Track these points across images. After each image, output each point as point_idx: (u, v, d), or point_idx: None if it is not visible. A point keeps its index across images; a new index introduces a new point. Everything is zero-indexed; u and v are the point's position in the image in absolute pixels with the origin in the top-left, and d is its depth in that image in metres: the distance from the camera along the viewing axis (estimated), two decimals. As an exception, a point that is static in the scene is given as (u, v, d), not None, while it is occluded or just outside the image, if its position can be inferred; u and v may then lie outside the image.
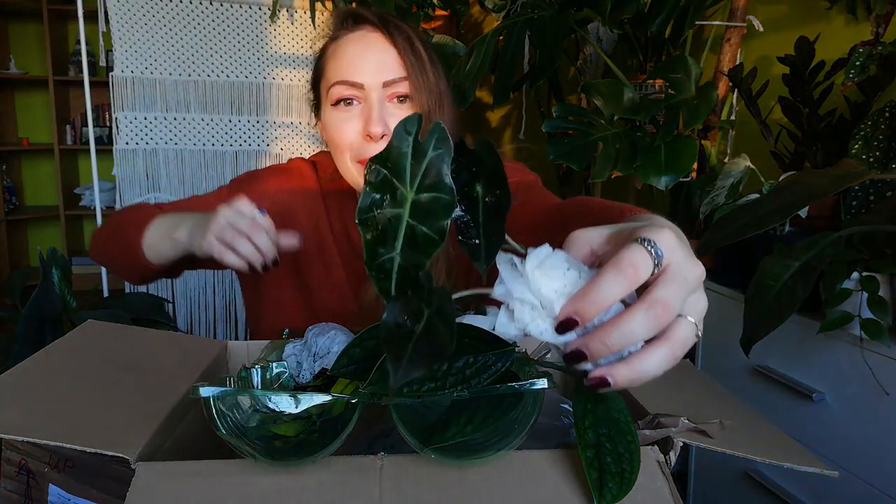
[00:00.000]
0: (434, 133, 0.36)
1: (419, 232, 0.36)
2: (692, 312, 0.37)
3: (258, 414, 0.45)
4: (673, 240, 0.36)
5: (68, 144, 3.50)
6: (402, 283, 0.36)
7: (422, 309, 0.35)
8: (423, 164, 0.36)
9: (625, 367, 0.35)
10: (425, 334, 0.34)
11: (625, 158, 1.40)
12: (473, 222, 0.38)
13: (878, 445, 1.01)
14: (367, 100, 0.75)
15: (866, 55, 1.18)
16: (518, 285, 0.36)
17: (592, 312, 0.35)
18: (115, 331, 0.67)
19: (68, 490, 0.53)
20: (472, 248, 0.38)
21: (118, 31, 2.00)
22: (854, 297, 1.01)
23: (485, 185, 0.38)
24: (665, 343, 0.36)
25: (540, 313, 0.36)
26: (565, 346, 0.36)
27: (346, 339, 0.63)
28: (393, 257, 0.36)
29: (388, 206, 0.36)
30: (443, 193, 0.36)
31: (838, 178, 0.97)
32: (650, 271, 0.35)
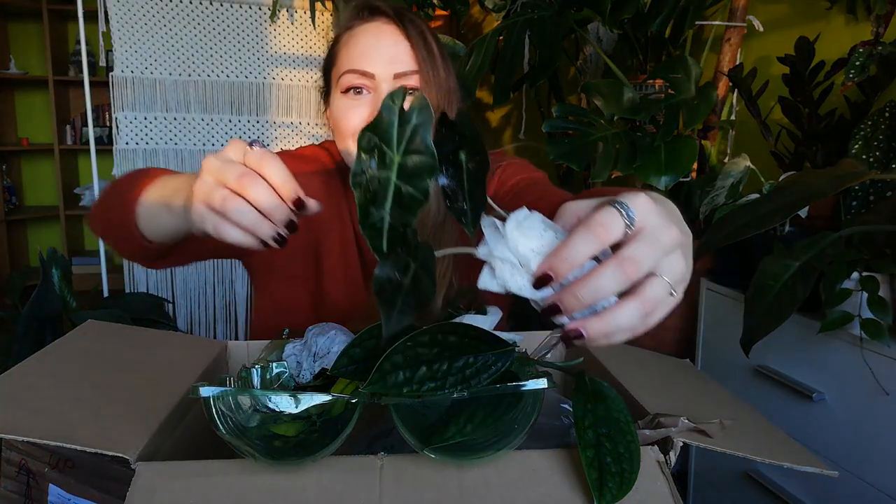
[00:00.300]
0: (417, 103, 0.40)
1: (405, 192, 0.40)
2: (668, 273, 0.38)
3: (258, 414, 0.45)
4: (648, 204, 0.39)
5: (68, 144, 3.50)
6: (392, 241, 0.40)
7: (409, 263, 0.40)
8: (407, 130, 0.39)
9: (597, 320, 0.38)
10: (413, 285, 0.39)
11: (625, 158, 1.40)
12: (459, 188, 0.42)
13: (878, 445, 1.01)
14: (377, 90, 0.76)
15: (866, 55, 1.18)
16: (499, 245, 0.40)
17: (565, 269, 0.37)
18: (115, 331, 0.67)
19: (68, 490, 0.53)
20: (459, 211, 0.42)
21: (118, 31, 2.00)
22: (854, 297, 1.01)
23: (467, 153, 0.42)
24: (636, 299, 0.38)
25: (518, 270, 0.39)
26: (543, 301, 0.39)
27: (346, 339, 0.63)
28: (383, 216, 0.40)
29: (377, 170, 0.39)
30: (425, 156, 0.39)
31: (838, 178, 0.97)
32: (621, 231, 0.37)
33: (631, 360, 0.65)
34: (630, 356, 0.67)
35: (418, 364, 0.43)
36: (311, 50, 2.25)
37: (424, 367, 0.43)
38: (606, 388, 0.48)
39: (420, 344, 0.43)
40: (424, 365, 0.43)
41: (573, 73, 2.39)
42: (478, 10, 2.80)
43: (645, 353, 0.70)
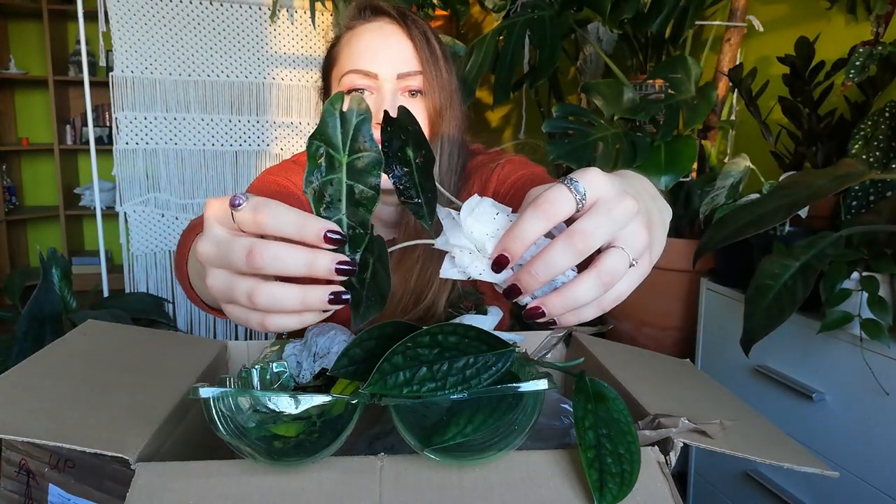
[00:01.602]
0: (354, 103, 0.41)
1: (357, 190, 0.41)
2: (626, 244, 0.38)
3: (258, 414, 0.45)
4: (598, 177, 0.38)
5: (68, 144, 3.49)
6: (353, 241, 0.41)
7: (367, 259, 0.41)
8: (349, 130, 0.40)
9: (556, 295, 0.38)
10: (373, 280, 0.41)
11: (625, 158, 1.40)
12: (411, 183, 0.43)
13: (878, 445, 1.01)
14: (380, 91, 0.75)
15: (866, 55, 1.18)
16: (455, 233, 0.40)
17: (519, 248, 0.37)
18: (115, 331, 0.67)
19: (68, 490, 0.53)
20: (415, 206, 0.43)
21: (118, 31, 2.00)
22: (854, 297, 1.01)
23: (414, 148, 0.43)
24: (592, 271, 0.38)
25: (476, 256, 0.40)
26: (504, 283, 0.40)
27: (346, 339, 0.63)
28: (340, 218, 0.41)
29: (327, 174, 0.40)
30: (371, 152, 0.41)
31: (838, 178, 0.97)
32: (571, 206, 0.37)
33: (631, 361, 0.65)
34: (630, 356, 0.67)
35: (418, 364, 0.43)
36: (311, 50, 2.25)
37: (424, 367, 0.43)
38: (607, 388, 0.48)
39: (420, 344, 0.43)
40: (425, 365, 0.43)
41: (573, 73, 2.39)
42: (478, 10, 2.80)
43: (645, 353, 0.70)
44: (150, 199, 2.14)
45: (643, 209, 0.41)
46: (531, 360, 0.58)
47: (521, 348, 0.59)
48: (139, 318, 1.68)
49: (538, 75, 1.67)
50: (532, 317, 0.39)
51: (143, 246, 2.17)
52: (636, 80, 1.63)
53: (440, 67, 0.76)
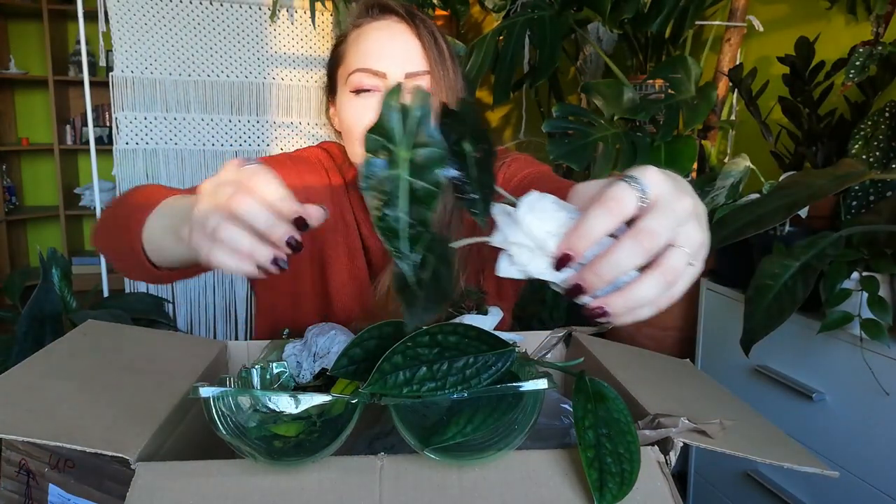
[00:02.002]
0: (416, 97, 0.39)
1: (418, 187, 0.39)
2: (685, 243, 0.38)
3: (258, 414, 0.45)
4: (658, 176, 0.39)
5: (68, 144, 3.49)
6: (412, 240, 0.39)
7: (427, 257, 0.39)
8: (411, 124, 0.39)
9: (619, 295, 0.38)
10: (433, 280, 0.39)
11: (625, 158, 1.40)
12: (467, 178, 0.42)
13: (878, 445, 1.01)
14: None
15: (866, 55, 1.18)
16: (514, 231, 0.39)
17: (583, 246, 0.37)
18: (115, 331, 0.67)
19: (68, 490, 0.53)
20: (469, 202, 0.42)
21: (118, 31, 2.00)
22: (854, 297, 1.01)
23: (471, 142, 0.42)
24: (656, 270, 0.38)
25: (536, 254, 0.39)
26: (565, 283, 0.39)
27: (346, 339, 0.63)
28: (398, 216, 0.39)
29: (387, 170, 0.39)
30: (434, 147, 0.39)
31: (838, 178, 0.97)
32: (634, 205, 0.37)
33: (631, 360, 0.65)
34: (630, 356, 0.67)
35: (418, 364, 0.43)
36: (311, 50, 2.25)
37: (424, 367, 0.43)
38: (607, 388, 0.48)
39: (420, 344, 0.43)
40: (424, 365, 0.43)
41: (573, 73, 2.39)
42: (478, 10, 2.79)
43: (645, 353, 0.70)
44: (150, 198, 2.13)
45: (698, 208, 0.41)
46: (531, 359, 0.58)
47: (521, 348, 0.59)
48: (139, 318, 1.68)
49: (538, 75, 1.67)
50: (593, 316, 0.39)
51: (143, 246, 2.16)
52: (636, 80, 1.63)
53: (447, 68, 0.76)
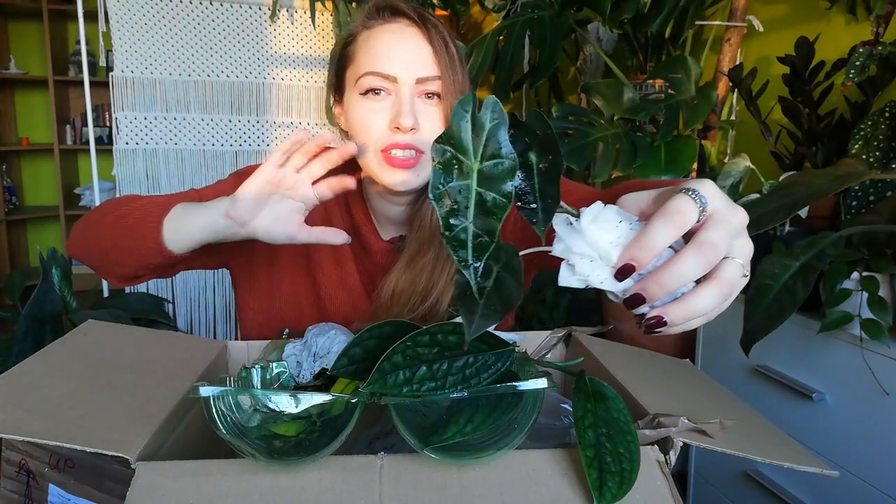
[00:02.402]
0: (488, 107, 0.39)
1: (488, 198, 0.39)
2: (739, 255, 0.40)
3: (258, 414, 0.45)
4: (715, 189, 0.40)
5: (68, 144, 3.49)
6: (477, 250, 0.39)
7: (490, 266, 0.39)
8: (483, 136, 0.39)
9: (678, 306, 0.39)
10: (495, 289, 0.39)
11: (625, 158, 1.41)
12: (530, 188, 0.42)
13: (878, 445, 1.01)
14: (398, 93, 0.74)
15: (866, 55, 1.18)
16: (576, 241, 0.40)
17: (647, 257, 0.38)
18: (115, 331, 0.67)
19: (68, 490, 0.53)
20: (530, 212, 0.42)
21: (118, 31, 2.00)
22: (854, 297, 1.01)
23: (538, 153, 0.42)
24: (714, 281, 0.39)
25: (598, 264, 0.40)
26: (624, 293, 0.40)
27: (346, 339, 0.63)
28: (466, 226, 0.39)
29: (456, 180, 0.39)
30: (504, 159, 0.39)
31: (838, 178, 0.97)
32: (696, 217, 0.39)
33: (631, 361, 0.65)
34: (630, 356, 0.67)
35: (418, 364, 0.43)
36: (311, 50, 2.25)
37: (424, 366, 0.43)
38: (606, 388, 0.48)
39: (420, 344, 0.43)
40: (424, 365, 0.43)
41: (573, 73, 2.39)
42: (478, 10, 2.80)
43: (645, 353, 0.70)
44: (148, 198, 2.14)
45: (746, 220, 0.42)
46: (531, 359, 0.58)
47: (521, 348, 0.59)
48: (139, 318, 1.68)
49: (538, 75, 1.67)
50: (651, 326, 0.39)
51: (143, 246, 2.17)
52: (636, 80, 1.63)
53: (457, 72, 0.76)
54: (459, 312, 0.38)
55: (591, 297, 2.03)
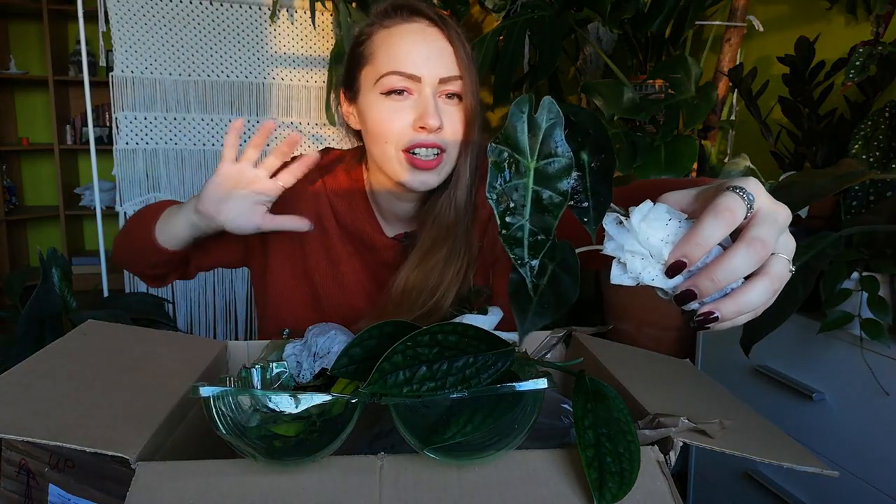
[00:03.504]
0: (545, 107, 0.40)
1: (544, 196, 0.40)
2: (784, 251, 0.41)
3: (258, 414, 0.45)
4: (759, 187, 0.41)
5: (68, 144, 3.49)
6: (533, 248, 0.40)
7: (545, 264, 0.40)
8: (539, 135, 0.40)
9: (730, 301, 0.39)
10: (550, 286, 0.39)
11: (625, 158, 1.40)
12: (582, 188, 0.42)
13: (878, 445, 1.01)
14: (422, 93, 0.74)
15: (866, 55, 1.18)
16: (627, 239, 0.41)
17: (698, 254, 0.39)
18: (115, 331, 0.67)
19: (68, 490, 0.53)
20: (581, 211, 0.42)
21: (118, 31, 2.00)
22: (854, 297, 1.01)
23: (590, 153, 0.42)
24: (765, 277, 0.40)
25: (650, 261, 0.40)
26: (674, 290, 0.40)
27: (346, 339, 0.63)
28: (523, 224, 0.40)
29: (513, 179, 0.39)
30: (561, 157, 0.40)
31: (838, 178, 0.97)
32: (744, 214, 0.39)
33: (631, 360, 0.65)
34: (630, 356, 0.67)
35: (418, 364, 0.43)
36: (311, 50, 2.25)
37: (424, 367, 0.43)
38: (606, 388, 0.48)
39: (420, 344, 0.43)
40: (424, 365, 0.43)
41: (573, 73, 2.39)
42: (478, 10, 2.79)
43: (645, 353, 0.70)
44: (150, 199, 2.14)
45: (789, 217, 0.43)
46: (531, 359, 0.58)
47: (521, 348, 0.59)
48: (139, 318, 1.68)
49: (538, 75, 1.67)
50: (703, 322, 0.40)
51: (143, 246, 2.17)
52: (636, 80, 1.63)
53: (473, 72, 0.77)
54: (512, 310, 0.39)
55: (592, 297, 2.03)
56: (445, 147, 0.76)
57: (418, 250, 0.81)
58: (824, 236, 1.00)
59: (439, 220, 0.80)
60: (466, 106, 0.76)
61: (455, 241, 0.80)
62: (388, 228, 0.88)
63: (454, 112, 0.76)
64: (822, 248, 0.98)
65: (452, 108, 0.76)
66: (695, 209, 0.44)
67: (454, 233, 0.80)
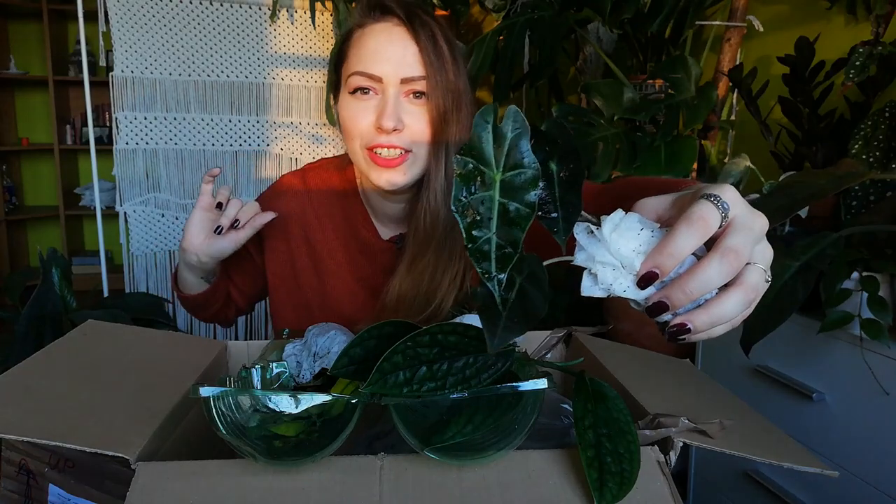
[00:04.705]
0: (509, 117, 0.39)
1: (511, 208, 0.39)
2: (760, 260, 0.40)
3: (258, 414, 0.45)
4: (736, 195, 0.40)
5: (68, 144, 3.49)
6: (500, 261, 0.39)
7: (513, 277, 0.39)
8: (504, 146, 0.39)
9: (703, 312, 0.38)
10: (518, 300, 0.38)
11: (625, 158, 1.41)
12: (550, 197, 0.41)
13: (878, 445, 1.01)
14: (384, 93, 0.75)
15: (866, 55, 1.18)
16: (598, 249, 0.39)
17: (671, 265, 0.38)
18: (115, 331, 0.67)
19: (68, 490, 0.53)
20: (550, 221, 0.41)
21: (118, 31, 2.00)
22: (854, 297, 1.01)
23: (558, 162, 0.41)
24: (739, 288, 0.38)
25: (621, 272, 0.39)
26: (646, 301, 0.39)
27: (346, 339, 0.63)
28: (490, 238, 0.39)
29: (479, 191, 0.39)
30: (527, 168, 0.39)
31: (838, 178, 0.97)
32: (718, 223, 0.38)
33: (631, 360, 0.65)
34: (630, 356, 0.67)
35: (418, 364, 0.43)
36: (311, 50, 2.25)
37: (424, 367, 0.43)
38: (607, 388, 0.48)
39: (420, 344, 0.43)
40: (424, 365, 0.43)
41: (573, 73, 2.39)
42: (478, 10, 2.79)
43: (645, 353, 0.70)
44: (150, 199, 2.14)
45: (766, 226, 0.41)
46: (531, 359, 0.58)
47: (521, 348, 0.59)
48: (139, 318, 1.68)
49: (538, 75, 1.67)
50: (675, 334, 0.39)
51: (143, 246, 2.17)
52: (636, 80, 1.63)
53: (446, 70, 0.75)
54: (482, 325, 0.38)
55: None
56: (408, 147, 0.75)
57: (405, 258, 0.81)
58: (824, 236, 1.00)
59: (420, 226, 0.79)
60: (434, 105, 0.75)
61: (439, 246, 0.78)
62: (385, 230, 0.88)
63: (420, 112, 0.75)
64: (822, 248, 0.98)
65: (418, 108, 0.75)
66: (671, 215, 0.42)
67: (435, 237, 0.79)
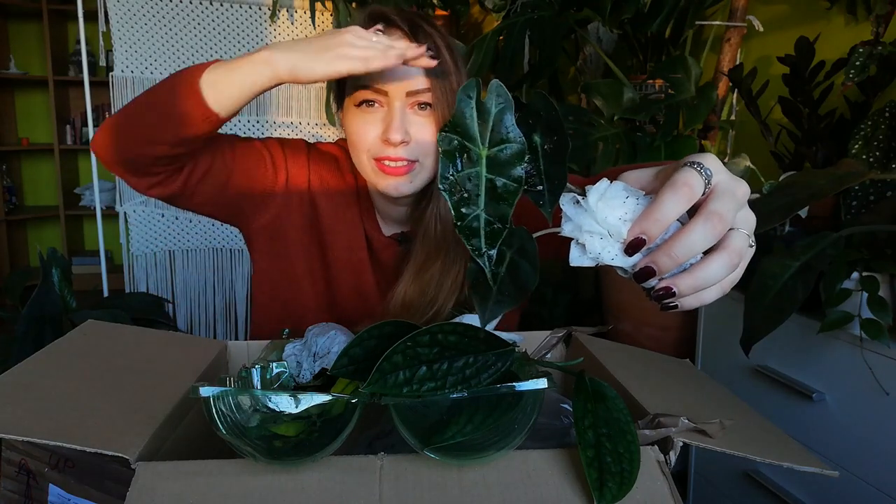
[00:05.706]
0: (493, 91, 0.39)
1: (499, 184, 0.39)
2: (743, 225, 0.41)
3: (258, 414, 0.45)
4: (717, 163, 0.41)
5: (68, 144, 3.49)
6: (490, 237, 0.39)
7: (503, 252, 0.39)
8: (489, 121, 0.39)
9: (687, 276, 0.39)
10: (508, 274, 0.39)
11: (625, 158, 1.41)
12: (535, 170, 0.41)
13: (878, 445, 1.01)
14: (390, 106, 0.75)
15: (866, 55, 1.18)
16: (585, 219, 0.40)
17: (657, 230, 0.38)
18: (115, 331, 0.67)
19: (68, 490, 0.53)
20: (536, 194, 0.41)
21: (118, 31, 2.00)
22: (854, 297, 1.00)
23: (542, 134, 0.41)
24: (723, 252, 0.40)
25: (609, 241, 0.40)
26: (633, 268, 0.40)
27: (346, 339, 0.63)
28: (478, 214, 0.39)
29: (465, 168, 0.39)
30: (512, 143, 0.39)
31: (838, 178, 0.97)
32: (702, 189, 0.39)
33: (631, 361, 0.65)
34: (630, 356, 0.67)
35: (418, 364, 0.43)
36: (311, 50, 2.25)
37: (424, 367, 0.43)
38: (606, 388, 0.48)
39: (420, 344, 0.43)
40: (424, 365, 0.43)
41: (573, 73, 2.39)
42: (478, 10, 2.79)
43: (645, 353, 0.70)
44: (149, 198, 2.14)
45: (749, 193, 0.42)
46: (531, 359, 0.58)
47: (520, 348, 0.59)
48: (139, 318, 1.68)
49: (538, 75, 1.67)
50: (661, 297, 0.40)
51: (143, 246, 2.17)
52: (636, 80, 1.63)
53: (451, 80, 0.76)
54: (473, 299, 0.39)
55: (591, 297, 2.03)
56: (416, 157, 0.76)
57: (413, 264, 0.81)
58: (824, 236, 1.00)
59: (429, 234, 0.80)
60: (440, 115, 0.76)
61: (448, 253, 0.79)
62: (387, 228, 0.88)
63: (426, 122, 0.76)
64: (822, 248, 0.98)
65: (423, 119, 0.76)
66: (654, 187, 0.43)
67: (446, 245, 0.79)
